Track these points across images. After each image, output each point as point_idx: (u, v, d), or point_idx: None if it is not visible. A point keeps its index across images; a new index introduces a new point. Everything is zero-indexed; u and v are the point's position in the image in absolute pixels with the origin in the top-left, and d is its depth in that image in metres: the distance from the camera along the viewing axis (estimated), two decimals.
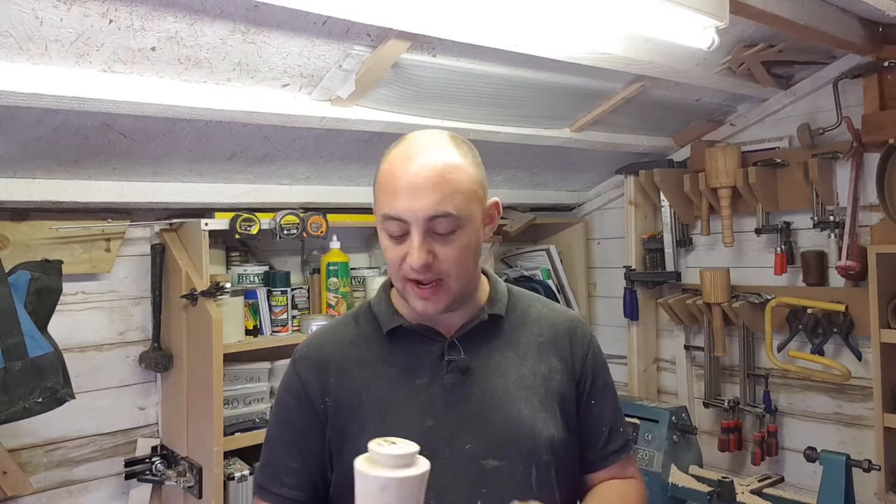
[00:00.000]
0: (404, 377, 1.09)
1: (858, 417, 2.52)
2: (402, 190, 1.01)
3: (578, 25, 1.75)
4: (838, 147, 2.47)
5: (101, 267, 2.18)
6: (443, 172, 1.02)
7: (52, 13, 1.35)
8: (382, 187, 1.05)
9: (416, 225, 1.01)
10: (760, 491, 2.35)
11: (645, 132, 2.87)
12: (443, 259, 1.03)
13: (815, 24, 1.98)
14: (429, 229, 1.02)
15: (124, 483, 2.25)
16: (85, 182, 2.03)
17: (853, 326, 2.46)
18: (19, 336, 1.79)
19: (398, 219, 1.02)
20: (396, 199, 1.01)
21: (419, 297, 1.05)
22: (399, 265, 1.04)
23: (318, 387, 1.10)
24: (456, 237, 1.03)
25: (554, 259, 3.23)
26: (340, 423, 1.08)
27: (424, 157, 1.03)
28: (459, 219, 1.02)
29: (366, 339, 1.13)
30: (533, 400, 1.10)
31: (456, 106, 2.19)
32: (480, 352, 1.11)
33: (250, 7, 1.49)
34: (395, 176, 1.03)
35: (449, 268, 1.04)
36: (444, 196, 1.01)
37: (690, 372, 3.02)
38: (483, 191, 1.10)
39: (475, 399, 1.08)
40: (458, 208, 1.02)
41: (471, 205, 1.05)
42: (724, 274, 2.71)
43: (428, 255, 1.01)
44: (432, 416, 1.06)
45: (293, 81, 1.83)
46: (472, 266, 1.08)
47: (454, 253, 1.03)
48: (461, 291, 1.08)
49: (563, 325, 1.19)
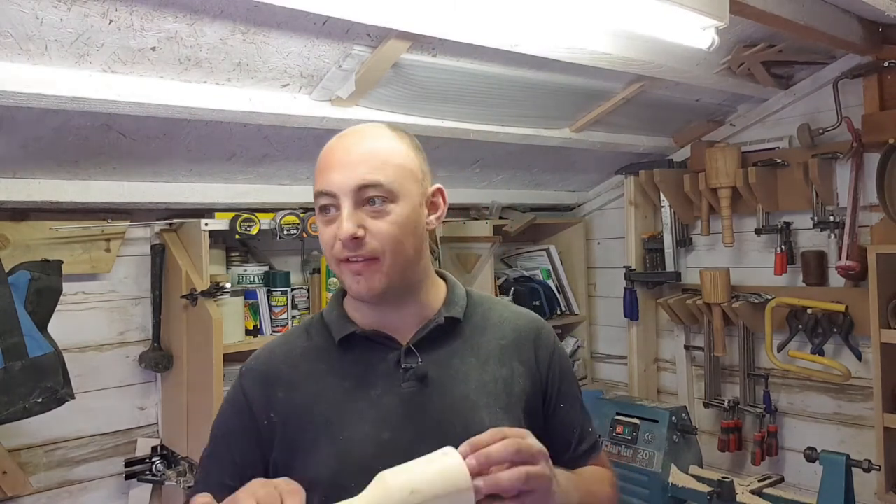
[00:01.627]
0: (358, 388, 1.02)
1: (858, 417, 2.52)
2: (333, 165, 1.00)
3: (578, 25, 1.76)
4: (838, 147, 2.47)
5: (101, 267, 2.18)
6: (373, 147, 1.01)
7: (52, 13, 1.35)
8: (317, 169, 1.03)
9: (344, 196, 0.98)
10: (760, 491, 2.35)
11: (645, 132, 2.87)
12: (374, 233, 0.98)
13: (815, 24, 1.98)
14: (358, 201, 0.98)
15: (124, 483, 2.25)
16: (85, 182, 2.03)
17: (853, 326, 2.46)
18: (19, 336, 1.79)
19: (328, 192, 0.99)
20: (327, 173, 1.00)
21: (353, 275, 1.00)
22: (331, 247, 1.00)
23: (263, 402, 1.03)
24: (388, 210, 0.99)
25: (554, 259, 3.24)
26: (289, 440, 1.01)
27: (356, 136, 1.04)
28: (391, 191, 0.99)
29: (316, 351, 1.07)
30: (495, 407, 1.04)
31: (456, 106, 2.19)
32: (439, 358, 1.05)
33: (250, 7, 1.49)
34: (326, 155, 1.03)
35: (382, 244, 0.98)
36: (373, 167, 0.99)
37: (690, 372, 3.02)
38: (422, 174, 1.06)
39: (434, 408, 1.02)
40: (388, 179, 0.99)
41: (405, 181, 1.02)
42: (724, 274, 2.71)
43: (357, 228, 0.97)
44: (388, 429, 1.00)
45: (293, 81, 1.83)
46: (410, 249, 1.02)
47: (386, 227, 0.98)
48: (400, 276, 1.01)
49: (525, 327, 1.14)
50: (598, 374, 3.39)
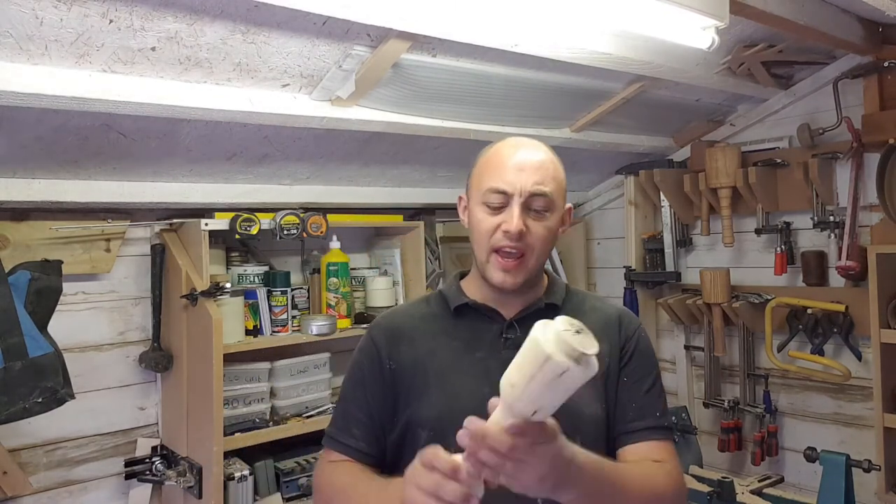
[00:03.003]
0: (465, 350, 1.21)
1: (858, 417, 2.52)
2: (511, 167, 1.18)
3: (578, 25, 1.76)
4: (838, 147, 2.47)
5: (101, 267, 2.18)
6: (545, 161, 1.20)
7: (52, 13, 1.35)
8: (489, 165, 1.21)
9: (518, 196, 1.16)
10: (760, 491, 2.35)
11: (645, 132, 2.87)
12: (534, 233, 1.17)
13: (815, 25, 1.98)
14: (526, 204, 1.17)
15: (124, 483, 2.25)
16: (85, 182, 2.03)
17: (853, 326, 2.46)
18: (19, 336, 1.79)
19: (502, 191, 1.17)
20: (504, 173, 1.17)
21: (501, 269, 1.18)
22: (490, 235, 1.18)
23: (388, 351, 1.23)
24: (546, 217, 1.19)
25: (554, 259, 3.23)
26: (407, 384, 1.20)
27: (531, 148, 1.22)
28: (552, 202, 1.19)
29: (433, 316, 1.27)
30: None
31: (456, 106, 2.19)
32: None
33: (250, 7, 1.49)
34: (503, 156, 1.20)
35: (535, 243, 1.18)
36: (545, 178, 1.18)
37: (690, 372, 3.02)
38: (566, 193, 1.25)
39: None
40: (552, 192, 1.18)
41: (559, 196, 1.21)
42: (724, 274, 2.71)
43: (523, 226, 1.16)
44: (488, 385, 1.10)
45: (293, 81, 1.83)
46: (548, 252, 1.23)
47: (542, 231, 1.18)
48: (535, 273, 1.22)
49: (613, 315, 1.30)
50: None
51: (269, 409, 2.35)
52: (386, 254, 2.75)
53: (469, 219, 1.24)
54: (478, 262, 1.23)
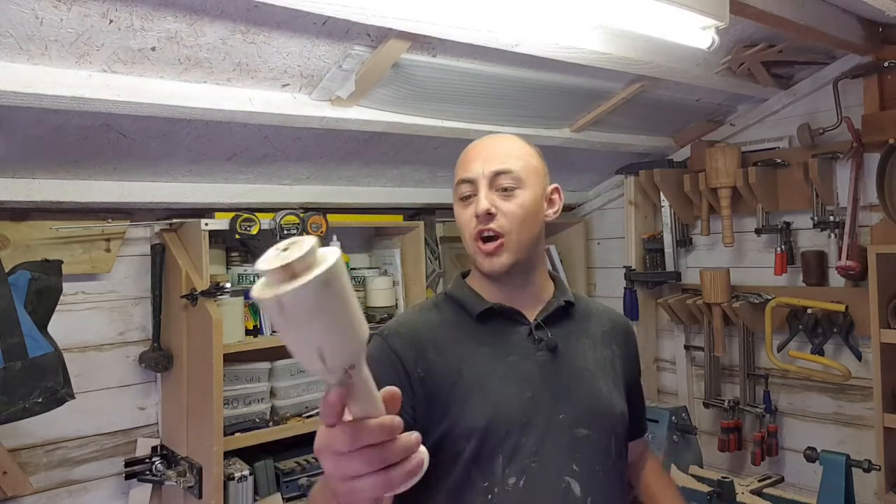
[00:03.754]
0: (496, 354, 1.20)
1: (858, 417, 2.52)
2: (474, 157, 1.23)
3: (578, 25, 1.76)
4: (838, 147, 2.47)
5: (101, 267, 2.18)
6: (509, 144, 1.25)
7: (52, 13, 1.35)
8: (459, 164, 1.26)
9: (482, 180, 1.20)
10: (760, 491, 2.35)
11: (645, 132, 2.87)
12: (504, 212, 1.19)
13: (815, 25, 1.98)
14: (492, 185, 1.20)
15: (124, 483, 2.25)
16: (85, 182, 2.03)
17: (853, 326, 2.46)
18: (19, 336, 1.79)
19: (468, 180, 1.22)
20: (468, 164, 1.23)
21: (485, 255, 1.20)
22: (468, 225, 1.22)
23: (413, 358, 1.17)
24: (516, 194, 1.20)
25: (554, 259, 3.23)
26: (441, 394, 1.15)
27: (496, 138, 1.27)
28: (518, 178, 1.20)
29: (453, 322, 1.24)
30: (608, 380, 1.26)
31: (456, 106, 2.19)
32: (560, 335, 1.25)
33: (250, 7, 1.49)
34: (470, 150, 1.26)
35: (510, 224, 1.19)
36: (507, 157, 1.21)
37: (690, 372, 3.02)
38: (544, 173, 1.27)
39: (564, 375, 1.21)
40: (519, 169, 1.21)
41: (531, 174, 1.22)
42: (724, 274, 2.71)
43: (490, 205, 1.18)
44: (530, 389, 1.18)
45: (293, 81, 1.83)
46: (531, 231, 1.22)
47: (514, 209, 1.19)
48: (524, 254, 1.21)
49: (619, 320, 1.39)
50: None
51: (269, 409, 2.35)
52: (386, 254, 2.75)
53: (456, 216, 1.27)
54: (470, 257, 1.25)
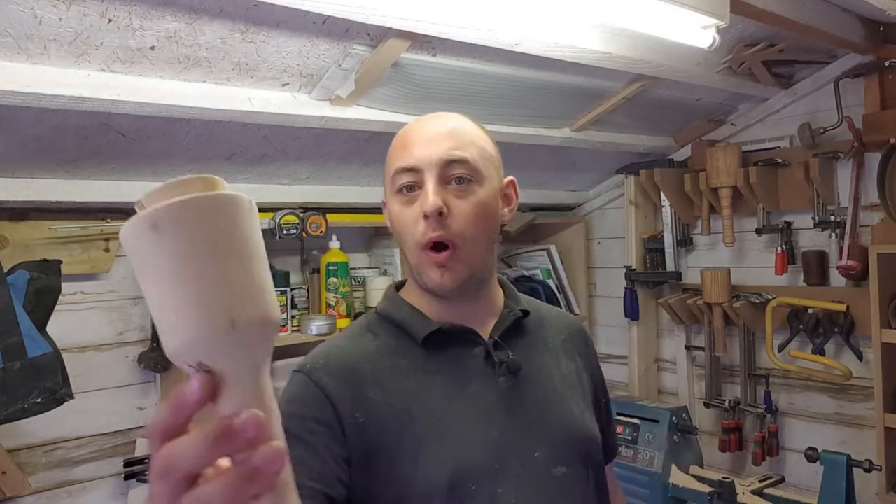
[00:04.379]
0: (453, 385, 0.97)
1: (859, 417, 2.52)
2: (417, 141, 0.98)
3: (578, 25, 1.75)
4: (839, 147, 2.46)
5: (100, 267, 2.18)
6: (460, 127, 1.01)
7: (51, 12, 1.35)
8: (394, 149, 1.01)
9: (429, 170, 0.95)
10: (761, 491, 2.35)
11: (645, 132, 2.87)
12: (457, 213, 0.95)
13: (816, 24, 1.97)
14: (443, 177, 0.96)
15: (123, 483, 2.25)
16: (84, 182, 2.03)
17: (854, 326, 2.45)
18: (18, 336, 1.79)
19: (411, 168, 0.96)
20: (410, 149, 0.97)
21: (435, 266, 0.95)
22: (413, 228, 0.96)
23: (349, 399, 0.93)
24: (472, 190, 0.97)
25: (554, 259, 3.23)
26: (386, 441, 0.92)
27: (441, 118, 1.04)
28: (475, 170, 0.97)
29: (394, 350, 1.00)
30: (578, 398, 1.07)
31: (456, 106, 2.16)
32: (519, 352, 1.03)
33: (249, 6, 1.49)
34: (409, 133, 1.01)
35: (463, 227, 0.95)
36: (460, 143, 0.98)
37: (691, 372, 3.02)
38: (499, 163, 1.05)
39: (531, 402, 1.00)
40: (473, 158, 0.97)
41: (487, 165, 1.00)
42: (724, 274, 2.71)
43: (442, 202, 0.94)
44: (496, 426, 0.96)
45: (293, 81, 1.83)
46: (487, 236, 0.99)
47: (469, 208, 0.96)
48: (479, 265, 0.99)
49: (574, 324, 1.19)
50: None
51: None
52: (386, 254, 2.75)
53: (390, 218, 1.01)
54: (413, 269, 0.99)
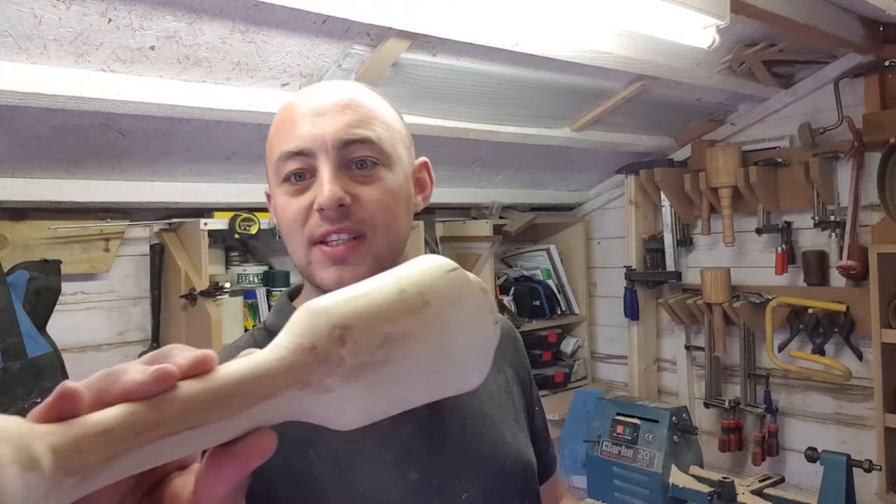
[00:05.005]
0: None
1: (859, 417, 2.52)
2: (305, 116, 0.78)
3: (578, 25, 1.75)
4: (839, 147, 2.46)
5: (100, 267, 2.17)
6: (358, 97, 0.80)
7: (50, 12, 1.35)
8: (277, 128, 0.81)
9: (323, 153, 0.76)
10: (761, 491, 2.35)
11: (645, 132, 2.87)
12: (364, 201, 0.76)
13: (815, 24, 1.97)
14: (342, 161, 0.76)
15: None
16: (84, 182, 2.03)
17: (854, 326, 2.45)
18: (18, 336, 1.79)
19: (299, 151, 0.76)
20: (297, 127, 0.77)
21: (331, 262, 0.76)
22: (302, 222, 0.77)
23: None
24: (380, 176, 0.78)
25: (554, 259, 3.23)
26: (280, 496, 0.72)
27: (333, 87, 0.83)
28: (383, 152, 0.78)
29: None
30: (510, 420, 0.88)
31: (456, 105, 2.19)
32: None
33: (250, 6, 1.49)
34: (293, 107, 0.80)
35: (373, 216, 0.77)
36: (361, 118, 0.78)
37: (691, 372, 3.02)
38: (409, 141, 0.87)
39: (457, 431, 0.81)
40: (379, 137, 0.78)
41: (396, 144, 0.81)
42: (724, 274, 2.71)
43: (343, 193, 0.75)
44: (414, 466, 0.77)
45: (293, 81, 1.83)
46: (403, 228, 0.81)
47: (378, 195, 0.77)
48: (391, 262, 0.72)
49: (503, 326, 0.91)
50: (599, 374, 3.39)
51: None
52: None
53: (275, 214, 0.83)
54: (303, 272, 0.81)
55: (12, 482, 0.28)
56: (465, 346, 0.43)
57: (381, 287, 0.42)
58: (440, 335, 0.42)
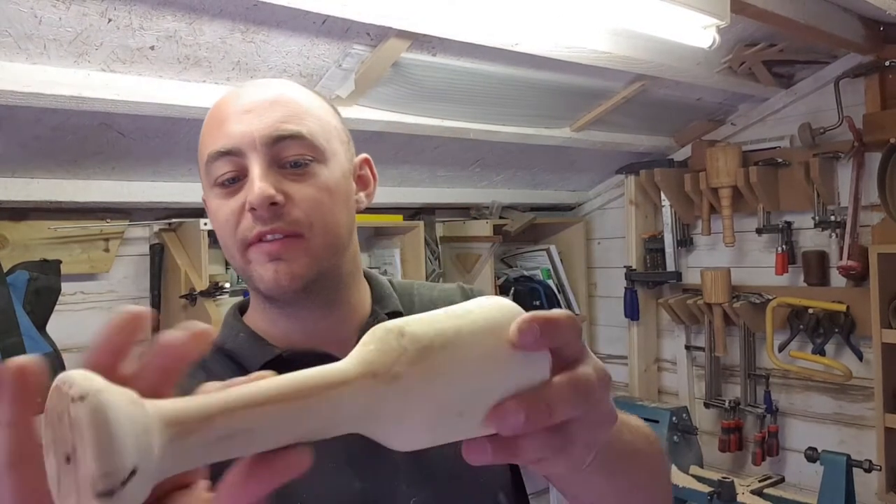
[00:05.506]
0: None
1: (859, 418, 2.52)
2: (232, 116, 0.75)
3: (578, 25, 1.75)
4: (839, 147, 2.46)
5: (99, 267, 2.17)
6: (286, 93, 0.78)
7: (50, 12, 1.35)
8: (206, 128, 0.79)
9: (252, 151, 0.73)
10: (761, 491, 2.35)
11: (645, 132, 2.87)
12: (298, 199, 0.73)
13: (816, 24, 1.97)
14: (273, 159, 0.74)
15: None
16: (84, 182, 2.03)
17: (854, 326, 2.45)
18: (18, 336, 1.79)
19: (227, 150, 0.74)
20: (225, 126, 0.75)
21: (266, 259, 0.73)
22: (235, 225, 0.74)
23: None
24: (314, 172, 0.75)
25: (554, 259, 3.23)
26: None
27: (259, 84, 0.81)
28: (316, 148, 0.75)
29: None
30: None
31: (456, 105, 2.19)
32: None
33: (249, 6, 1.49)
34: (221, 106, 0.78)
35: (308, 214, 0.73)
36: (291, 113, 0.75)
37: (691, 372, 3.02)
38: (347, 137, 0.85)
39: None
40: (311, 132, 0.75)
41: (331, 139, 0.79)
42: (724, 274, 2.71)
43: (274, 191, 0.72)
44: (358, 474, 0.74)
45: (292, 80, 1.83)
46: (342, 226, 0.78)
47: (313, 192, 0.74)
48: (330, 262, 0.76)
49: (458, 298, 0.90)
50: None
51: None
52: (386, 254, 2.75)
53: (210, 218, 0.80)
54: (242, 275, 0.79)
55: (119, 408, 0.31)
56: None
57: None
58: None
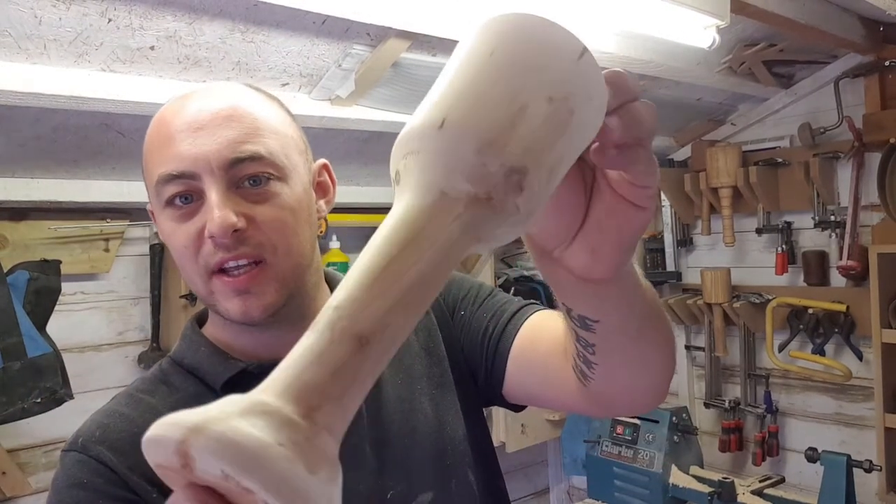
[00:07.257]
0: None
1: (859, 418, 2.52)
2: (182, 132, 0.69)
3: (579, 24, 1.75)
4: (839, 147, 2.46)
5: (99, 267, 2.17)
6: (239, 104, 0.73)
7: (50, 12, 1.35)
8: (152, 143, 0.73)
9: (209, 175, 0.68)
10: (761, 491, 2.35)
11: None
12: (260, 222, 0.70)
13: (816, 24, 1.97)
14: (231, 181, 0.69)
15: None
16: (84, 182, 2.03)
17: (854, 326, 2.45)
18: (18, 336, 1.79)
19: (179, 174, 0.69)
20: (175, 145, 0.69)
21: (234, 293, 0.71)
22: (195, 251, 0.70)
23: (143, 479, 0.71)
24: (275, 191, 0.72)
25: None
26: None
27: (210, 92, 0.75)
28: (276, 166, 0.72)
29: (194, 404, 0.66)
30: (430, 390, 0.83)
31: None
32: None
33: (249, 6, 1.49)
34: (167, 119, 0.72)
35: (272, 237, 0.71)
36: (247, 131, 0.71)
37: (691, 372, 3.02)
38: (304, 144, 0.81)
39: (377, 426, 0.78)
40: (271, 150, 0.71)
41: (290, 152, 0.75)
42: (724, 274, 2.71)
43: (235, 218, 0.68)
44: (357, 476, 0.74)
45: (292, 81, 1.83)
46: (306, 244, 0.76)
47: (275, 213, 0.71)
48: (296, 281, 0.75)
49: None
50: None
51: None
52: None
53: (162, 236, 0.76)
54: (204, 300, 0.77)
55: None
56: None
57: (532, 98, 0.36)
58: (580, 144, 0.38)
